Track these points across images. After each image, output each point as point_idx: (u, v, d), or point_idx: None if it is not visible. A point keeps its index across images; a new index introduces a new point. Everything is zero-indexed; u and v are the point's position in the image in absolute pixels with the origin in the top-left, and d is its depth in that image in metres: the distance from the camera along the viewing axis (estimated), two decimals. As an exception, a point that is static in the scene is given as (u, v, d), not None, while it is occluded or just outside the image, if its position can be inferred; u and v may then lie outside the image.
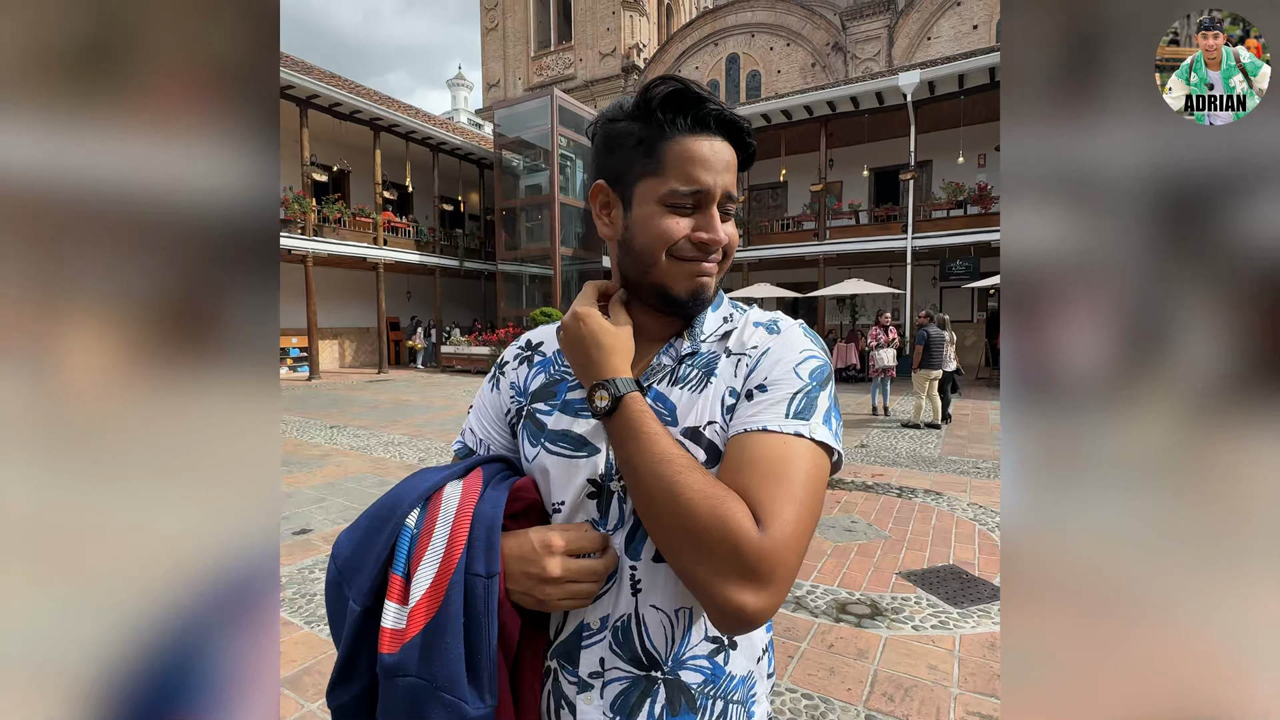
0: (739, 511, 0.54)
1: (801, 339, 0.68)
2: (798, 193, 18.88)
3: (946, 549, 3.69)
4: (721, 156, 0.65)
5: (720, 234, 0.66)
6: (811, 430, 0.61)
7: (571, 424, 0.69)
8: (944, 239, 14.67)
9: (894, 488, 5.12)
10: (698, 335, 0.71)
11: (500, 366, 0.81)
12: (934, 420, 8.23)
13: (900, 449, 6.85)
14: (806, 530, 0.56)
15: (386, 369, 17.28)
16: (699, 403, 0.66)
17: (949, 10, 22.57)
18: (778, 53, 26.18)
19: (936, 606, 2.91)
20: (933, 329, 8.11)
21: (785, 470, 0.58)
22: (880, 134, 16.85)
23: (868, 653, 2.50)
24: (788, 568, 0.54)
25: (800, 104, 15.75)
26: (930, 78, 14.05)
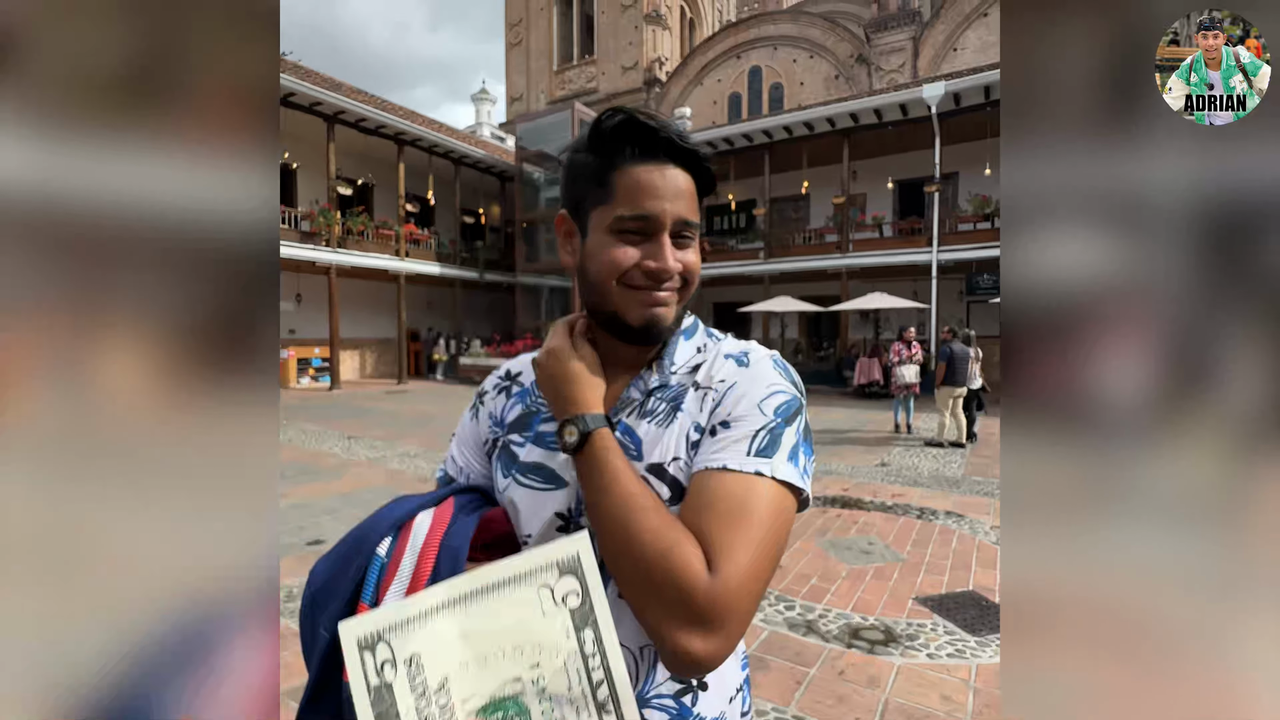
0: (690, 555, 0.53)
1: (770, 372, 0.66)
2: (820, 205, 18.73)
3: (966, 574, 3.56)
4: (673, 183, 0.64)
5: (669, 262, 0.64)
6: (773, 469, 0.59)
7: (543, 457, 0.68)
8: (970, 252, 14.39)
9: (914, 509, 4.98)
10: (667, 367, 0.70)
11: (480, 396, 0.80)
12: (958, 439, 8.02)
13: (922, 468, 6.68)
14: (762, 574, 0.55)
15: (406, 380, 17.52)
16: (664, 438, 0.65)
17: (975, 21, 22.37)
18: (801, 65, 26.18)
19: (953, 634, 2.80)
20: (956, 345, 7.92)
21: (743, 512, 0.56)
22: (905, 146, 16.66)
23: (879, 681, 2.41)
24: (738, 612, 0.53)
25: (822, 115, 15.68)
26: (955, 89, 13.89)
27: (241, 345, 0.55)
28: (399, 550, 0.62)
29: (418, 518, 0.64)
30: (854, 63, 24.65)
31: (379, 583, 0.60)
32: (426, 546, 0.61)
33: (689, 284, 0.68)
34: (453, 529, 0.63)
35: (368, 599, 0.60)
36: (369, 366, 19.97)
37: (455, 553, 0.60)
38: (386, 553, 0.62)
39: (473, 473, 0.77)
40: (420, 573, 0.59)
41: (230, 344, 0.55)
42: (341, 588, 0.61)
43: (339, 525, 4.45)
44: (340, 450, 7.52)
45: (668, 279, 0.65)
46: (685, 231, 0.66)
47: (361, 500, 5.17)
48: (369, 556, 0.62)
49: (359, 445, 7.87)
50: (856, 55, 24.57)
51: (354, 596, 0.60)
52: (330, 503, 5.10)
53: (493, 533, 0.66)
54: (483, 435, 0.77)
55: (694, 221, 0.66)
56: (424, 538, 0.62)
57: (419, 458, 7.12)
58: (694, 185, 0.67)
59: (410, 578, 0.59)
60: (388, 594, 0.59)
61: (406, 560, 0.60)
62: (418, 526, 0.63)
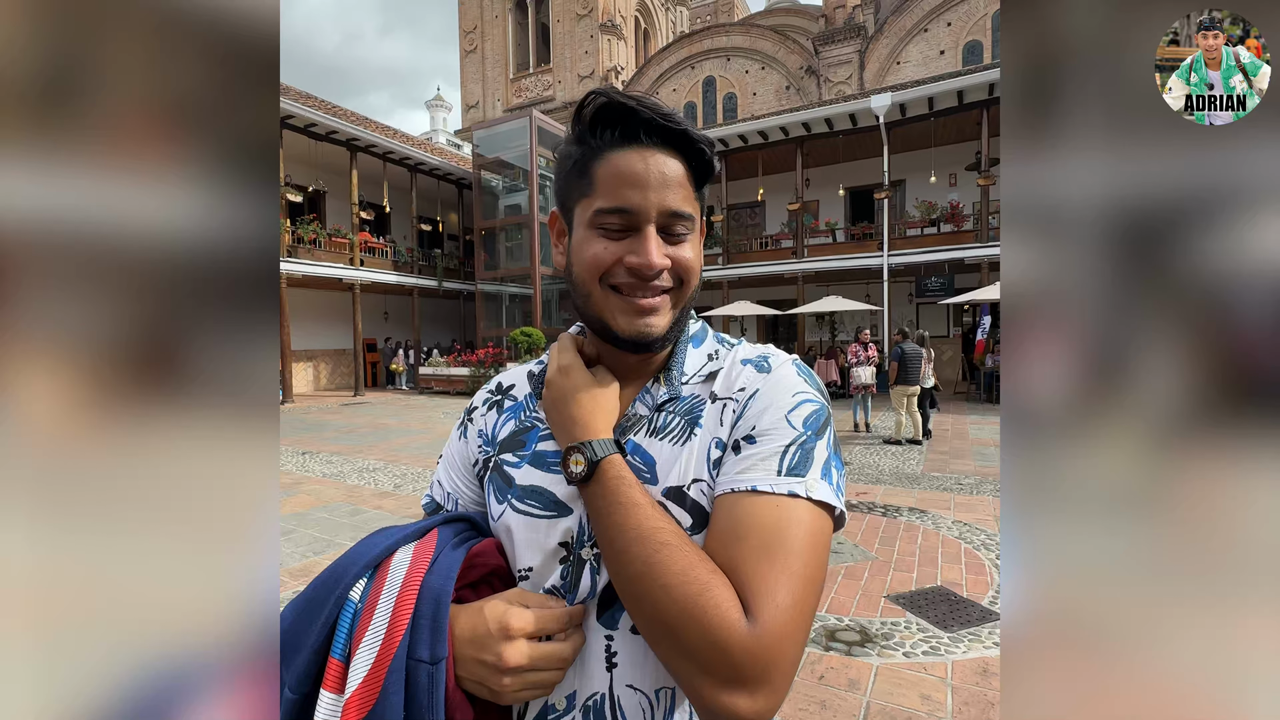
0: (723, 602, 0.47)
1: (795, 379, 0.60)
2: (775, 212, 19.13)
3: (934, 569, 3.64)
4: (657, 170, 0.57)
5: (652, 256, 0.57)
6: (809, 489, 0.53)
7: (543, 480, 0.61)
8: (919, 256, 14.94)
9: (879, 506, 5.08)
10: (676, 378, 0.63)
11: (469, 413, 0.73)
12: (915, 436, 8.27)
13: (883, 466, 6.84)
14: (807, 612, 0.49)
15: (363, 391, 16.94)
16: (682, 457, 0.58)
17: (916, 36, 23.33)
18: (753, 76, 26.74)
19: (927, 631, 2.85)
20: (908, 345, 8.18)
21: (780, 541, 0.50)
22: (855, 154, 17.19)
23: (859, 683, 2.42)
24: (786, 661, 0.47)
25: (776, 125, 16.04)
26: (901, 100, 14.41)
27: (239, 373, 0.51)
28: (374, 593, 0.54)
29: (396, 555, 0.57)
30: (804, 74, 25.33)
31: (351, 632, 0.52)
32: (405, 588, 0.53)
33: (685, 284, 0.61)
34: (436, 566, 0.56)
35: (338, 653, 0.52)
36: (324, 379, 19.25)
37: (438, 594, 0.53)
38: (360, 597, 0.54)
39: (461, 498, 0.69)
40: (398, 619, 0.52)
41: (226, 372, 0.50)
42: (308, 641, 0.53)
43: (294, 548, 4.24)
44: (294, 467, 7.19)
45: (652, 276, 0.58)
46: (677, 225, 0.58)
47: (316, 520, 4.94)
48: (339, 603, 0.53)
49: (314, 461, 7.54)
50: (806, 67, 25.25)
51: (324, 647, 0.53)
52: (284, 523, 4.85)
53: (482, 567, 0.59)
54: (472, 456, 0.69)
55: (686, 212, 0.58)
56: (403, 578, 0.54)
57: (378, 471, 6.87)
58: (686, 171, 0.59)
59: (387, 625, 0.52)
60: (360, 645, 0.51)
61: (383, 605, 0.53)
62: (396, 565, 0.56)
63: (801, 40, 25.92)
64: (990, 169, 14.10)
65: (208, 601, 0.47)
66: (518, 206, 18.76)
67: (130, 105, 0.47)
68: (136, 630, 0.45)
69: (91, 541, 0.44)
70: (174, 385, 0.48)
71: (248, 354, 0.51)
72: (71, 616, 0.43)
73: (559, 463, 0.61)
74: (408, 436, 9.57)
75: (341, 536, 4.49)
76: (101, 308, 0.46)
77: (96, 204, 0.46)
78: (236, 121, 0.51)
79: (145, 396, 0.47)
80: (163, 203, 0.48)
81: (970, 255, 13.97)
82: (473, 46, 33.27)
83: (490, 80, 32.91)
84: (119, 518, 0.45)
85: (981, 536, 4.25)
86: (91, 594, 0.44)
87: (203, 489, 0.49)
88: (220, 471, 0.50)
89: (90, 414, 0.45)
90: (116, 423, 0.46)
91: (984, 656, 2.61)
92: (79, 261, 0.45)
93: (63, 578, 0.43)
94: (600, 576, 0.57)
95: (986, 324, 13.13)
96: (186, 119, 0.49)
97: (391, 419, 11.85)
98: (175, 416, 0.48)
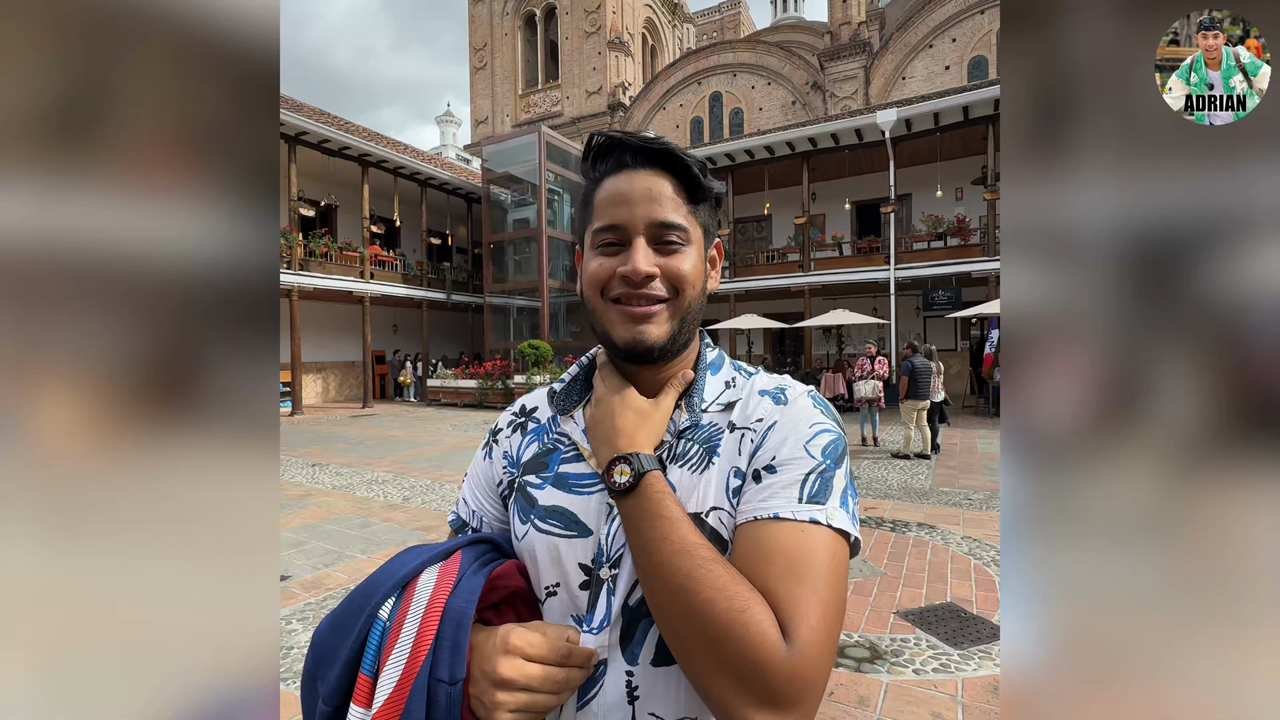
0: (764, 620, 0.48)
1: (811, 410, 0.62)
2: (782, 225, 19.20)
3: (943, 585, 3.62)
4: (643, 187, 0.62)
5: (637, 263, 0.61)
6: (829, 516, 0.55)
7: (564, 500, 0.63)
8: (926, 270, 14.94)
9: (887, 521, 5.06)
10: (697, 405, 0.65)
11: (494, 434, 0.75)
12: (923, 450, 8.22)
13: (891, 480, 6.81)
14: (835, 637, 0.51)
15: (371, 403, 17.04)
16: (700, 485, 0.60)
17: (922, 52, 23.50)
18: (759, 91, 26.97)
19: (937, 648, 2.84)
20: (918, 360, 8.16)
21: (806, 566, 0.52)
22: (861, 169, 17.28)
23: (869, 700, 2.42)
24: (817, 687, 0.48)
25: (782, 140, 16.15)
26: (907, 115, 14.50)
27: (239, 395, 0.52)
28: (401, 613, 0.56)
29: (422, 575, 0.59)
30: (809, 89, 25.54)
31: (379, 649, 0.55)
32: (430, 609, 0.56)
33: (681, 293, 0.63)
34: (459, 589, 0.58)
35: (367, 669, 0.54)
36: (333, 390, 19.36)
37: (459, 616, 0.56)
38: (389, 615, 0.56)
39: (486, 516, 0.72)
40: (422, 639, 0.54)
41: (227, 394, 0.52)
42: (340, 655, 0.55)
43: (305, 560, 4.27)
44: (304, 479, 7.23)
45: (641, 283, 0.61)
46: (668, 235, 0.62)
47: (326, 532, 4.97)
48: (370, 620, 0.56)
49: (323, 473, 7.58)
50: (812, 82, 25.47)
51: (355, 661, 0.55)
52: (295, 535, 4.88)
53: (504, 589, 0.61)
54: (497, 476, 0.71)
55: (674, 222, 0.62)
56: (428, 599, 0.57)
57: (388, 484, 6.90)
58: (675, 186, 0.63)
59: (412, 645, 0.54)
60: (388, 662, 0.54)
61: (409, 625, 0.55)
62: (421, 586, 0.58)
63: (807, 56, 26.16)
64: (996, 184, 14.10)
65: (208, 619, 0.48)
66: (526, 220, 18.92)
67: (140, 130, 0.49)
68: (139, 648, 0.45)
69: (96, 559, 0.45)
70: (178, 403, 0.50)
71: (249, 371, 0.53)
72: (75, 632, 0.44)
73: (580, 484, 0.63)
74: (416, 449, 9.61)
75: (352, 549, 4.52)
76: (110, 327, 0.47)
77: (107, 225, 0.47)
78: (239, 144, 0.53)
79: (151, 414, 0.48)
80: (169, 224, 0.49)
81: (977, 269, 13.95)
82: (482, 63, 33.78)
83: (499, 96, 33.37)
84: (123, 535, 0.46)
85: (991, 553, 4.22)
86: (95, 610, 0.45)
87: (204, 507, 0.50)
88: (221, 490, 0.51)
89: (98, 432, 0.46)
90: (123, 441, 0.47)
91: (995, 675, 2.59)
92: (88, 282, 0.46)
93: (67, 594, 0.44)
94: (615, 599, 0.59)
95: (995, 337, 13.07)
96: (192, 143, 0.51)
97: (400, 431, 11.90)
98: (179, 434, 0.49)
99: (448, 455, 8.95)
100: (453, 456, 8.81)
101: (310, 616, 3.29)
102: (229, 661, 0.48)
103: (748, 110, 27.14)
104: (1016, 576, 0.63)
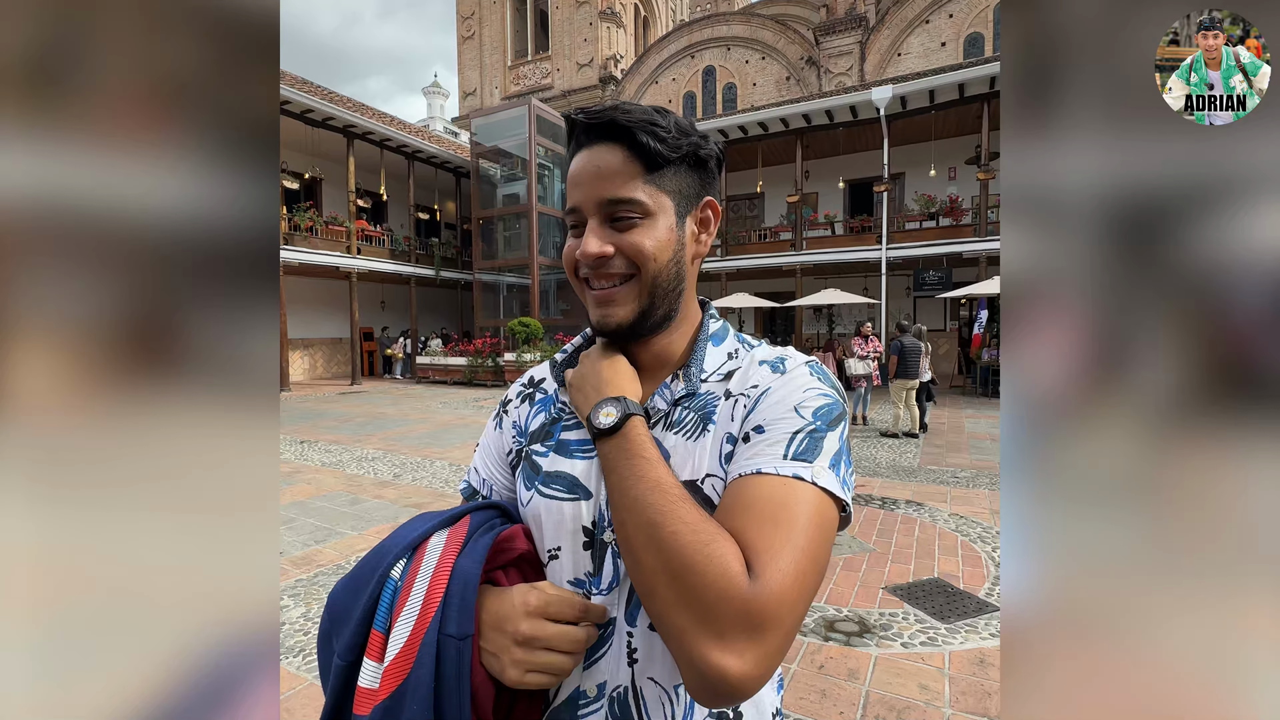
0: (729, 553, 0.47)
1: (807, 377, 0.61)
2: (775, 204, 19.09)
3: (931, 561, 3.68)
4: (592, 165, 0.60)
5: (588, 245, 0.60)
6: (814, 474, 0.53)
7: (564, 464, 0.65)
8: (917, 250, 14.95)
9: (876, 499, 5.13)
10: (695, 375, 0.65)
11: (504, 405, 0.77)
12: (911, 429, 8.32)
13: (880, 459, 6.89)
14: (808, 584, 0.48)
15: (360, 380, 16.92)
16: (695, 453, 0.60)
17: (918, 28, 23.18)
18: (753, 66, 26.56)
19: (924, 622, 2.89)
20: (907, 339, 8.21)
21: (785, 514, 0.50)
22: (855, 147, 17.14)
23: (858, 673, 2.46)
24: (781, 625, 0.46)
25: (776, 116, 15.95)
26: (902, 93, 14.35)
27: (236, 355, 0.52)
28: (412, 573, 0.59)
29: (432, 539, 0.62)
30: (804, 65, 25.18)
31: (391, 607, 0.58)
32: (439, 570, 0.58)
33: (641, 269, 0.61)
34: (467, 550, 0.60)
35: (380, 625, 0.57)
36: (320, 367, 19.21)
37: (467, 576, 0.58)
38: (400, 575, 0.59)
39: (496, 485, 0.73)
40: (432, 597, 0.57)
41: (225, 354, 0.51)
42: (354, 613, 0.58)
43: (295, 536, 4.25)
44: (293, 456, 7.19)
45: (594, 264, 0.61)
46: (619, 211, 0.60)
47: (316, 509, 4.95)
48: (382, 580, 0.59)
49: (313, 450, 7.54)
50: (806, 58, 25.09)
51: (368, 619, 0.58)
52: (285, 512, 4.86)
53: (510, 552, 0.63)
54: (506, 446, 0.73)
55: (623, 197, 0.59)
56: (437, 560, 0.59)
57: (377, 461, 6.88)
58: (629, 158, 0.59)
59: (422, 603, 0.57)
60: (399, 619, 0.56)
61: (419, 584, 0.58)
62: (431, 548, 0.61)
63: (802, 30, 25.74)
64: (990, 163, 14.08)
65: (208, 588, 0.49)
66: (516, 196, 18.65)
67: (128, 84, 0.47)
68: (137, 617, 0.46)
69: (92, 527, 0.45)
70: (173, 369, 0.49)
71: (248, 337, 0.52)
72: (71, 601, 0.44)
73: (581, 449, 0.65)
74: (406, 426, 9.58)
75: (342, 526, 4.51)
76: (100, 290, 0.46)
77: (94, 185, 0.45)
78: (236, 101, 0.51)
79: (144, 380, 0.48)
80: (162, 184, 0.48)
81: (968, 249, 13.98)
82: (470, 33, 32.91)
83: (488, 67, 32.60)
84: (119, 503, 0.46)
85: (978, 529, 4.29)
86: (91, 580, 0.45)
87: (203, 474, 0.50)
88: (220, 456, 0.51)
89: (89, 398, 0.46)
90: (115, 407, 0.46)
91: (981, 647, 2.65)
92: (77, 243, 0.45)
93: (62, 563, 0.44)
94: (622, 561, 0.59)
95: (983, 318, 13.17)
96: (185, 98, 0.49)
97: (389, 408, 11.84)
98: (174, 400, 0.49)
99: (437, 433, 8.93)
100: (442, 434, 8.78)
101: (301, 593, 3.29)
102: (230, 624, 0.49)
103: (741, 86, 26.73)
104: (1016, 533, 0.64)
